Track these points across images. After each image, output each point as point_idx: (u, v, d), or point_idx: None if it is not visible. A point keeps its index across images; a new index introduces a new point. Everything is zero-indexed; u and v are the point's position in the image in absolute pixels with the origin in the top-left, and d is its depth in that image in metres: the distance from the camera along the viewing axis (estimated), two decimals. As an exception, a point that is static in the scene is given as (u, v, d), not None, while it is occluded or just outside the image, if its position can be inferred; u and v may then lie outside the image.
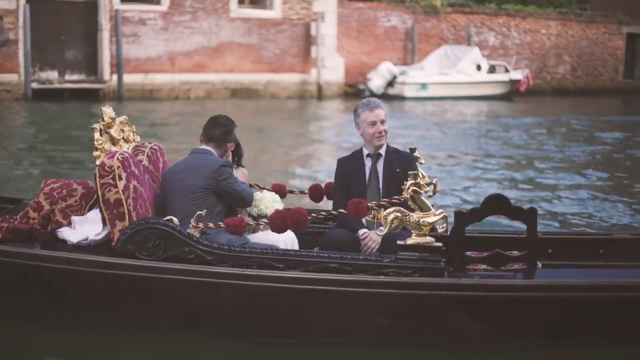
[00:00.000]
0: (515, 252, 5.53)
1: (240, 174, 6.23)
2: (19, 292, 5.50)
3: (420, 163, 6.15)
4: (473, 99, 30.24)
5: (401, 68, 31.12)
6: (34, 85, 26.20)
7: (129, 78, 27.39)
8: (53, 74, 27.11)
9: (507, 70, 32.15)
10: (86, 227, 5.63)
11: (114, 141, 5.93)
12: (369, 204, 5.43)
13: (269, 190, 6.58)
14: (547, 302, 5.11)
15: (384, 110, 6.13)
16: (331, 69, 30.77)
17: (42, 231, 5.70)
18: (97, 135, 5.83)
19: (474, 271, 5.39)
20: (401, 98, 29.74)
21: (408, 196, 5.19)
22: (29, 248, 5.48)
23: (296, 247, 5.99)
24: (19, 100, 25.54)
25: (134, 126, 6.26)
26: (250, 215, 6.12)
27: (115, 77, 27.12)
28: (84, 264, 5.28)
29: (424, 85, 30.19)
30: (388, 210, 5.25)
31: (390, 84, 30.49)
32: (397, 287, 5.10)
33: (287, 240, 5.94)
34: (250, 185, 6.57)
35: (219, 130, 5.88)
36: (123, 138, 6.07)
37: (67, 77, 27.22)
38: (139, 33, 27.90)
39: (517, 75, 31.99)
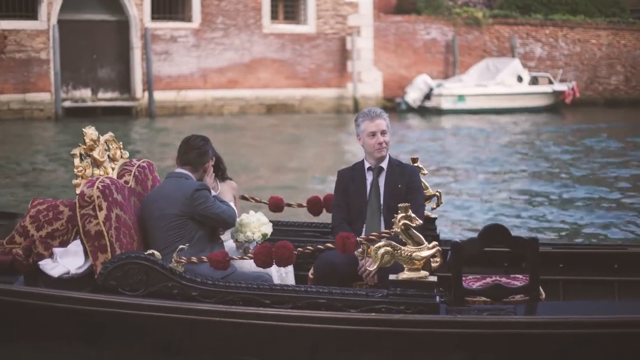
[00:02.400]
0: (519, 277, 5.35)
1: (227, 187, 6.06)
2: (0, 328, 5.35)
3: (423, 174, 5.93)
4: (514, 112, 29.57)
5: (438, 81, 30.66)
6: (67, 103, 26.59)
7: (161, 95, 27.57)
8: (86, 92, 27.42)
9: (550, 82, 31.38)
10: (67, 260, 5.46)
11: (97, 163, 5.70)
12: (357, 239, 5.21)
13: (265, 203, 6.43)
14: (550, 340, 4.80)
15: (385, 120, 5.80)
16: (368, 83, 30.50)
17: (23, 263, 5.50)
18: (77, 161, 5.60)
19: (473, 303, 5.15)
20: (438, 111, 29.30)
21: (399, 230, 4.92)
22: (9, 283, 5.33)
23: (290, 271, 5.81)
24: (51, 119, 25.90)
25: (120, 143, 6.00)
26: (237, 241, 5.90)
27: (147, 94, 27.34)
28: (65, 301, 5.16)
29: (461, 97, 29.66)
30: (378, 245, 4.99)
31: (428, 96, 30.07)
32: (390, 325, 4.87)
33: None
34: (243, 198, 6.42)
35: (193, 154, 5.63)
36: (109, 156, 5.83)
37: (100, 95, 27.52)
38: (171, 50, 28.05)
39: (561, 86, 31.23)
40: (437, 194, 6.27)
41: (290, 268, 5.81)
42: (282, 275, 5.81)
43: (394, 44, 31.76)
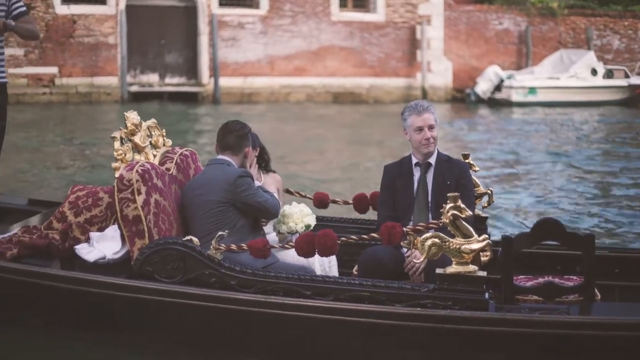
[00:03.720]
0: (573, 278, 5.14)
1: (270, 179, 5.92)
2: (33, 312, 5.28)
3: (474, 171, 5.69)
4: (587, 105, 28.76)
5: (509, 72, 30.02)
6: (134, 88, 26.87)
7: (227, 81, 27.62)
8: (154, 77, 27.66)
9: (627, 75, 30.46)
10: (104, 245, 5.34)
11: (139, 149, 5.59)
12: (404, 229, 4.96)
13: (310, 198, 6.27)
14: (607, 343, 4.51)
15: (433, 114, 5.53)
16: (438, 73, 30.05)
17: (60, 247, 5.42)
18: (117, 144, 5.51)
19: (524, 302, 4.94)
20: (508, 103, 28.68)
21: (447, 221, 4.68)
22: (43, 266, 5.22)
23: (334, 264, 5.61)
24: (118, 102, 26.21)
25: (163, 130, 5.87)
26: (279, 232, 5.75)
27: (213, 80, 27.41)
28: (99, 286, 5.02)
29: (532, 90, 28.96)
30: (425, 236, 4.75)
31: (498, 88, 29.47)
32: (435, 321, 4.62)
33: (324, 257, 5.47)
34: (287, 192, 6.29)
35: (232, 137, 5.48)
36: (151, 143, 5.71)
37: (167, 80, 27.72)
38: (238, 37, 28.05)
39: (637, 80, 30.26)
40: (489, 192, 5.99)
41: (334, 261, 5.62)
42: (326, 269, 5.61)
43: (465, 34, 31.18)
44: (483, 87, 29.63)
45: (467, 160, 5.83)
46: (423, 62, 29.69)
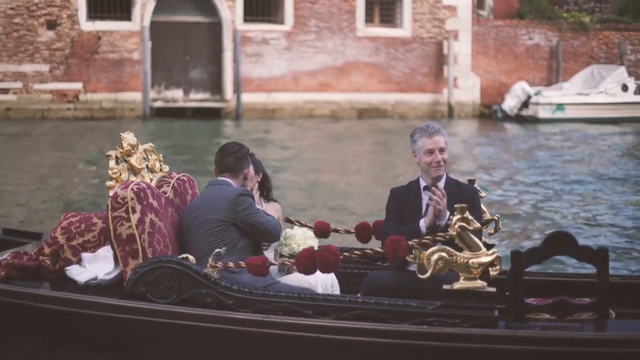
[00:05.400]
0: (586, 299, 4.89)
1: (271, 208, 5.75)
2: (22, 334, 5.14)
3: (481, 197, 5.52)
4: (617, 122, 28.23)
5: (537, 88, 29.63)
6: (159, 103, 27.09)
7: (251, 97, 27.69)
8: (178, 93, 27.86)
9: (660, 92, 29.87)
10: (96, 265, 5.18)
11: (134, 170, 5.43)
12: (409, 242, 4.77)
13: (310, 227, 6.06)
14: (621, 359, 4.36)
15: (444, 136, 5.37)
16: (465, 88, 29.82)
17: (50, 269, 5.27)
18: (112, 163, 5.33)
19: (535, 321, 4.70)
20: (535, 120, 28.33)
21: (454, 233, 4.51)
22: (32, 287, 5.09)
23: (337, 290, 5.43)
24: (141, 118, 26.44)
25: (160, 155, 5.74)
26: (281, 255, 5.56)
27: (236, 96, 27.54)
28: (90, 307, 4.83)
29: (560, 106, 28.55)
30: (431, 250, 4.58)
31: (525, 104, 29.10)
32: (443, 339, 4.44)
33: (326, 282, 5.39)
34: (288, 221, 6.12)
35: (230, 159, 5.35)
36: (147, 167, 5.56)
37: (192, 96, 27.91)
38: (262, 53, 28.13)
39: (671, 96, 29.66)
40: (495, 218, 5.80)
41: (337, 287, 5.47)
42: (328, 291, 5.44)
43: (494, 49, 30.88)
44: (510, 103, 29.31)
45: (474, 185, 5.67)
46: (449, 77, 29.48)
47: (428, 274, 4.58)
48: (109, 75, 26.65)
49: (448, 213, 5.10)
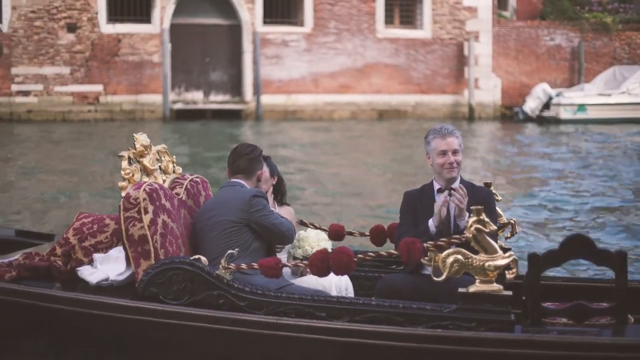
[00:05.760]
0: (603, 304, 4.82)
1: (285, 212, 5.70)
2: (33, 334, 5.11)
3: (497, 200, 5.45)
4: (640, 122, 28.01)
5: (559, 89, 29.43)
6: (178, 105, 27.19)
7: (271, 99, 27.72)
8: (198, 95, 27.96)
9: (684, 92, 29.55)
10: (108, 266, 5.14)
11: (147, 171, 5.40)
12: (424, 245, 4.73)
13: (324, 229, 6.01)
14: None
15: (458, 138, 5.30)
16: (486, 90, 29.66)
17: (61, 269, 5.24)
18: (124, 163, 5.28)
19: (552, 325, 4.64)
20: (556, 121, 28.11)
21: (470, 235, 4.45)
22: (43, 288, 5.07)
23: (351, 293, 5.39)
24: (160, 120, 26.56)
25: (174, 156, 5.71)
26: (294, 257, 5.54)
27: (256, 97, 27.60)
28: (101, 307, 4.80)
29: (581, 107, 28.32)
30: (447, 252, 4.52)
31: (547, 105, 28.91)
32: (458, 343, 4.37)
33: (341, 285, 5.34)
34: (302, 223, 6.07)
35: (243, 161, 5.30)
36: (160, 168, 5.53)
37: (212, 97, 28.00)
38: (282, 54, 28.17)
39: (694, 97, 29.34)
40: (512, 222, 5.72)
41: (350, 289, 5.41)
42: (342, 294, 5.40)
43: (515, 50, 30.69)
44: (531, 104, 29.11)
45: (490, 189, 5.58)
46: (470, 79, 29.35)
47: (443, 277, 4.51)
48: (129, 77, 26.79)
49: (467, 214, 5.03)
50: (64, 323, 4.94)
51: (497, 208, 5.47)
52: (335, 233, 6.00)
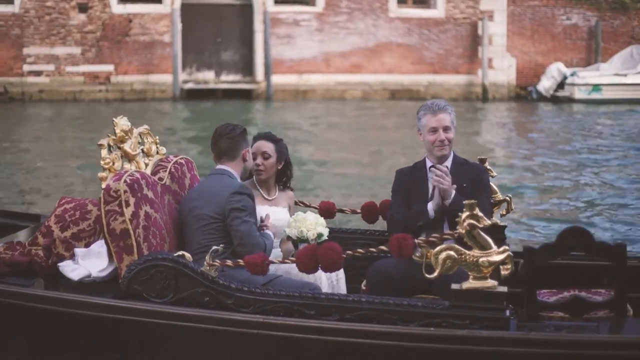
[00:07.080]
0: (602, 292, 4.78)
1: (284, 195, 5.58)
2: (13, 334, 4.88)
3: (492, 176, 5.35)
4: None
5: (574, 69, 29.10)
6: (190, 85, 27.22)
7: (282, 79, 27.68)
8: (209, 75, 27.96)
9: (702, 71, 29.11)
10: (89, 262, 4.97)
11: (129, 157, 5.20)
12: (415, 240, 4.56)
13: (315, 207, 5.90)
14: None
15: (450, 115, 5.13)
16: (501, 70, 29.40)
17: (42, 264, 5.07)
18: (104, 152, 5.07)
19: (549, 319, 4.51)
20: (570, 100, 27.85)
21: (463, 231, 4.31)
22: (24, 285, 4.88)
23: (342, 278, 5.27)
24: (171, 99, 26.60)
25: (157, 137, 5.49)
26: (288, 237, 5.34)
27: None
28: (83, 307, 4.61)
29: (596, 87, 28.00)
30: (439, 248, 4.35)
31: (561, 85, 28.62)
32: (452, 342, 4.24)
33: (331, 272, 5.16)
34: (295, 204, 5.88)
35: (224, 141, 5.09)
36: (143, 151, 5.33)
37: (223, 77, 27.98)
38: (293, 34, 28.07)
39: None
40: (507, 199, 5.61)
41: (342, 275, 5.29)
42: (333, 283, 5.29)
43: (530, 30, 30.37)
44: (545, 84, 28.86)
45: (484, 165, 5.49)
46: (484, 58, 29.08)
47: (435, 274, 4.37)
48: (140, 57, 26.85)
49: (454, 192, 4.95)
50: (45, 322, 4.79)
51: (492, 185, 5.38)
52: (326, 210, 5.88)
